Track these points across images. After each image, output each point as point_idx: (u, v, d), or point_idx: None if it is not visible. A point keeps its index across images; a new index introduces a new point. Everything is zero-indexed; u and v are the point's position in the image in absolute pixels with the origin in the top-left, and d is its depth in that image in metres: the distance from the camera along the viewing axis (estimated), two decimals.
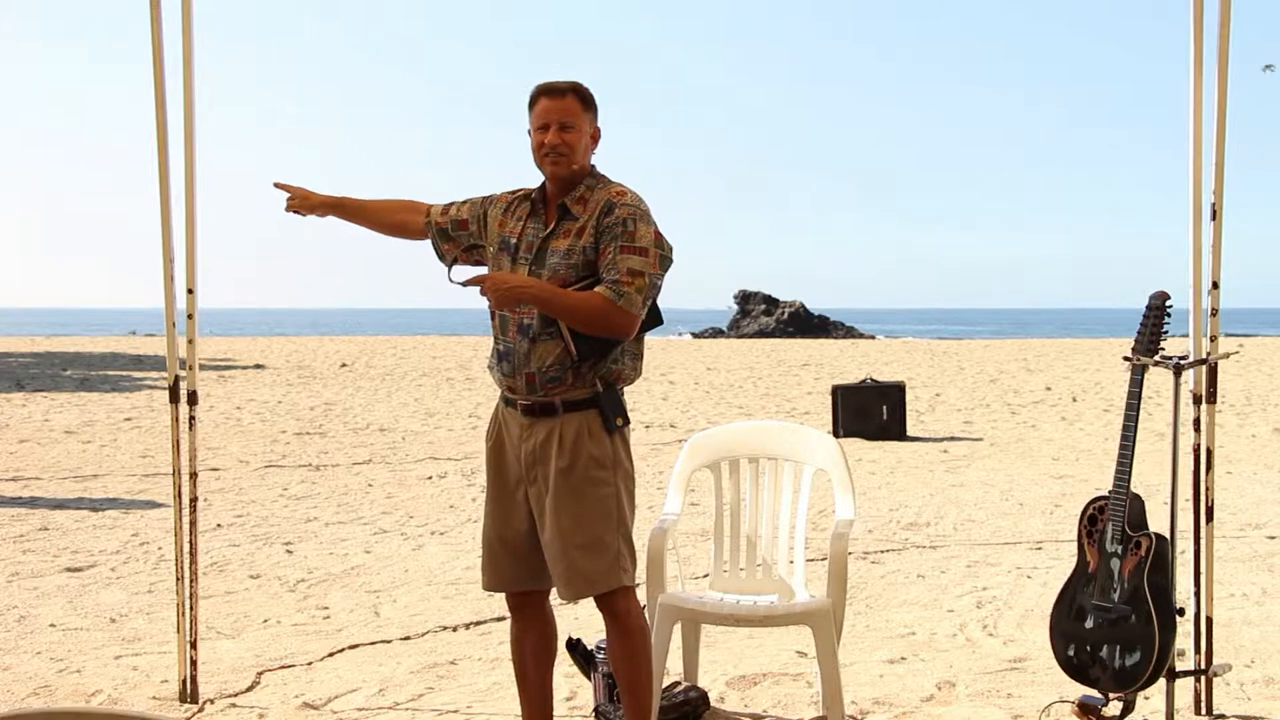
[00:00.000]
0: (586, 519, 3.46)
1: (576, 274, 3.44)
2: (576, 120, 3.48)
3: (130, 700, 4.50)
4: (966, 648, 5.09)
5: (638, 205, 3.47)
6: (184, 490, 4.47)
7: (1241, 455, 11.14)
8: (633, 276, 3.38)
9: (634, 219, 3.43)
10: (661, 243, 3.47)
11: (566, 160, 3.48)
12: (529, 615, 3.69)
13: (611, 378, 3.49)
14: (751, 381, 21.48)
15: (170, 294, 4.40)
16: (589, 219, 3.46)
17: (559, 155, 3.47)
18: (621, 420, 3.51)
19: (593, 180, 3.53)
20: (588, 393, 3.46)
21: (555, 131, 3.47)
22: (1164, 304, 3.98)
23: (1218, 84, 4.08)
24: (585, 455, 3.46)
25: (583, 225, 3.46)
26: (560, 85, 3.52)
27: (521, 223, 3.57)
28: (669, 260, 3.50)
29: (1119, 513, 3.94)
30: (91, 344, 36.43)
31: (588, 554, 3.46)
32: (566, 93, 3.50)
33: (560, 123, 3.47)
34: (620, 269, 3.38)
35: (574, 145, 3.47)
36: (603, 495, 3.48)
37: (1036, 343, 39.02)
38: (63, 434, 13.22)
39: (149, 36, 4.30)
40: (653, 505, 8.71)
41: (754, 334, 49.50)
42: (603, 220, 3.43)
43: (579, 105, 3.50)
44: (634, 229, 3.42)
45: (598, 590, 3.50)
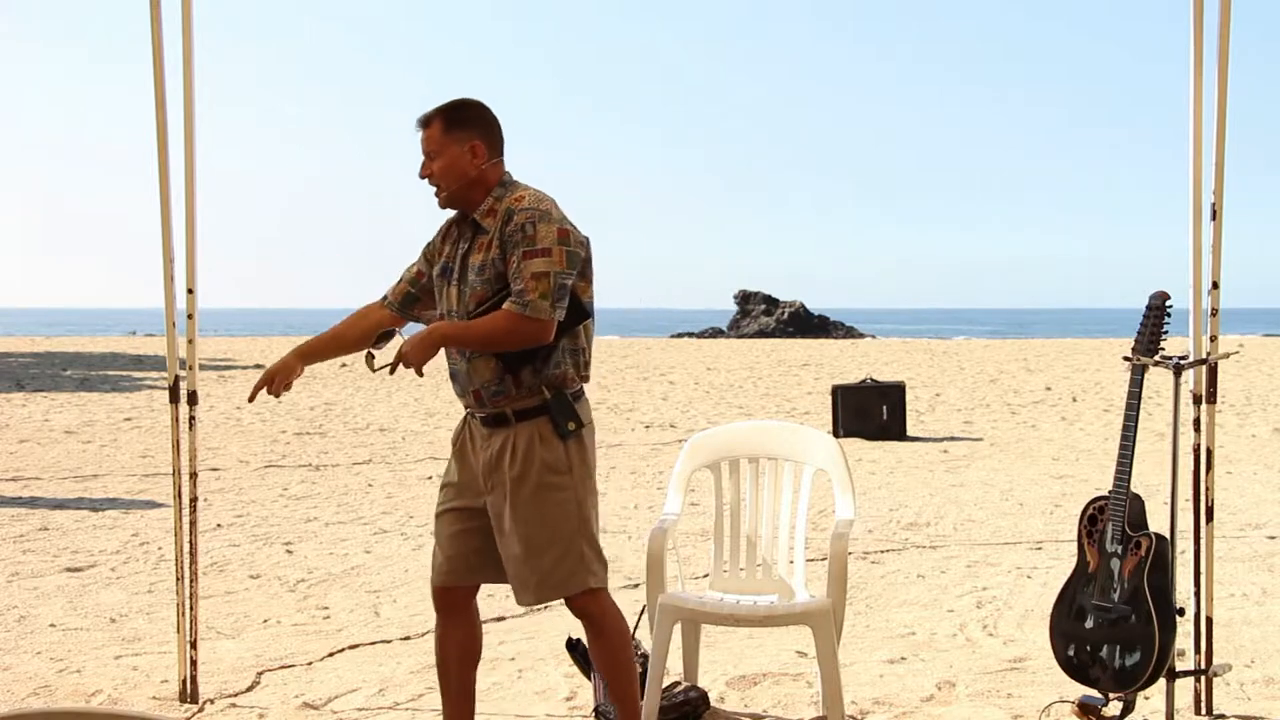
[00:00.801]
0: (546, 525, 3.48)
1: (492, 288, 3.45)
2: (439, 148, 3.51)
3: (130, 700, 4.50)
4: (966, 648, 5.09)
5: (536, 206, 3.45)
6: (184, 490, 4.47)
7: (1241, 455, 11.14)
8: (536, 281, 3.37)
9: (532, 222, 3.42)
10: (568, 238, 3.45)
11: (439, 189, 3.54)
12: (456, 613, 3.71)
13: (558, 383, 3.49)
14: (751, 381, 21.49)
15: (170, 294, 4.40)
16: (495, 230, 3.47)
17: (431, 186, 3.55)
18: (574, 425, 3.51)
19: (501, 189, 3.54)
20: (537, 401, 3.47)
21: (423, 164, 3.54)
22: (1164, 304, 3.98)
23: (1218, 84, 4.08)
24: (538, 462, 3.47)
25: (490, 237, 3.48)
26: (425, 114, 3.56)
27: (454, 244, 3.62)
28: (577, 255, 3.47)
29: (1119, 513, 3.94)
30: (91, 344, 36.44)
31: (550, 559, 3.48)
32: (430, 121, 3.54)
33: (426, 153, 3.54)
34: (524, 276, 3.38)
35: (441, 173, 3.51)
36: (560, 500, 3.49)
37: (1036, 343, 39.04)
38: (63, 434, 13.23)
39: (149, 36, 4.30)
40: (653, 505, 8.72)
41: (754, 334, 49.50)
42: (504, 230, 3.44)
43: (441, 130, 3.52)
44: (533, 231, 3.40)
45: (566, 593, 3.53)
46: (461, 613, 3.71)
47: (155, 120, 4.34)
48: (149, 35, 4.30)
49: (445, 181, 3.52)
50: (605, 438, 13.06)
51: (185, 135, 4.35)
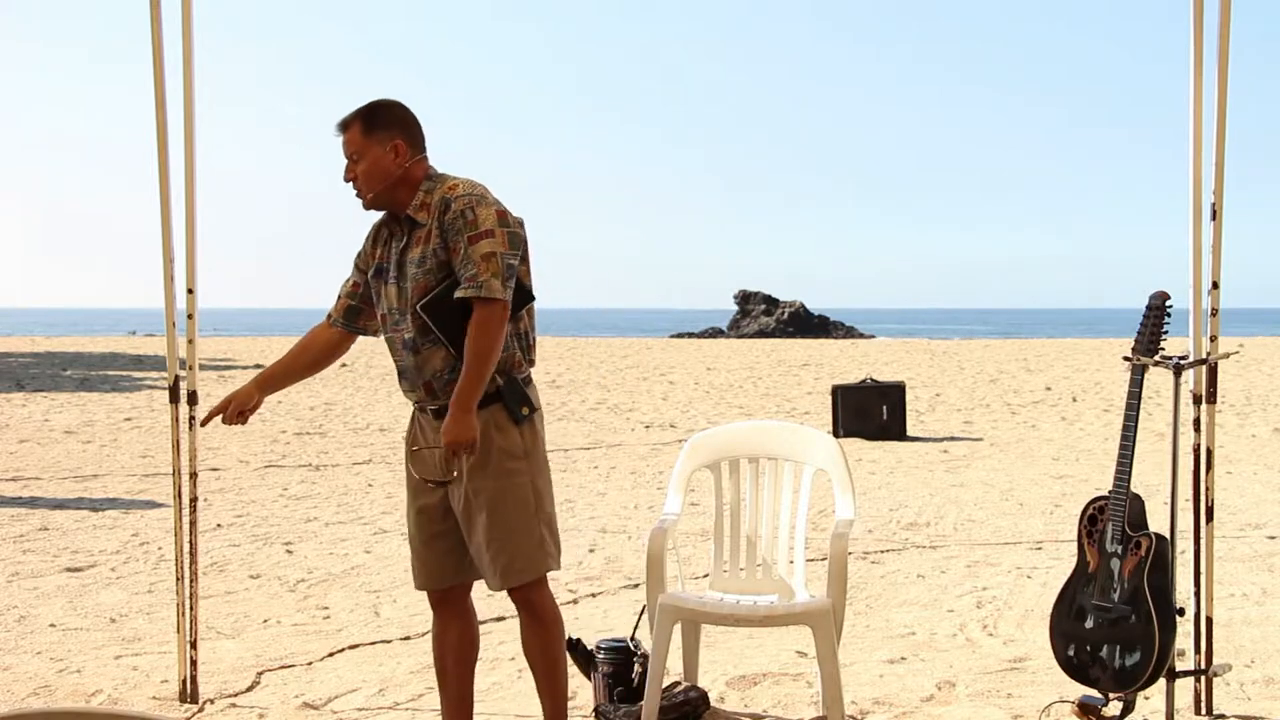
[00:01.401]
0: (507, 511, 3.52)
1: (435, 278, 3.46)
2: (361, 149, 3.52)
3: (130, 700, 4.50)
4: (966, 648, 5.09)
5: (471, 192, 3.48)
6: (184, 490, 4.47)
7: (1241, 455, 11.14)
8: (486, 262, 3.39)
9: (471, 207, 3.44)
10: (507, 220, 3.47)
11: (361, 191, 3.56)
12: (451, 612, 3.72)
13: (507, 368, 3.52)
14: (751, 381, 21.48)
15: (170, 294, 4.40)
16: (432, 221, 3.49)
17: (355, 190, 3.56)
18: (527, 409, 3.55)
19: (430, 183, 3.55)
20: (490, 388, 3.48)
21: (346, 167, 3.56)
22: (1164, 304, 3.98)
23: (1218, 84, 4.08)
24: (495, 449, 3.50)
25: (428, 229, 3.49)
26: (343, 119, 3.57)
27: (387, 245, 3.62)
28: (520, 236, 3.50)
29: (1119, 513, 3.94)
30: (91, 344, 36.43)
31: (514, 545, 3.52)
32: (349, 125, 3.55)
33: (348, 156, 3.55)
34: (473, 260, 3.40)
35: (364, 175, 3.52)
36: (518, 485, 3.53)
37: (1036, 343, 39.03)
38: (63, 434, 13.22)
39: (149, 36, 4.30)
40: (653, 505, 8.72)
41: (754, 334, 49.50)
42: (443, 220, 3.46)
43: (360, 132, 3.53)
44: (473, 216, 3.43)
45: (528, 578, 3.57)
46: (455, 610, 3.72)
47: (155, 120, 4.34)
48: (149, 35, 4.30)
49: (370, 183, 3.53)
50: (605, 438, 13.06)
51: (185, 135, 4.35)
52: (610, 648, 4.30)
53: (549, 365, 25.10)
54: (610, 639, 4.39)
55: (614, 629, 5.15)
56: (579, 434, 13.39)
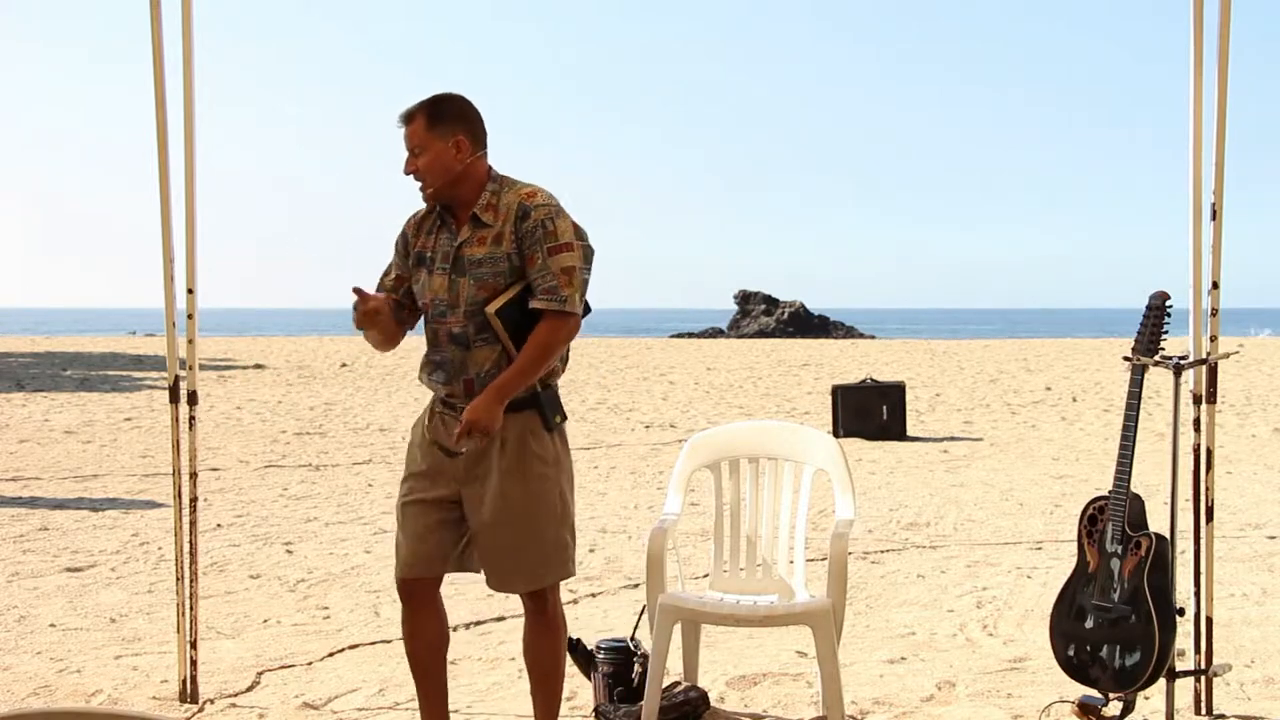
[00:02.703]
0: (538, 516, 3.55)
1: (505, 281, 3.46)
2: (424, 143, 3.50)
3: (130, 700, 4.50)
4: (966, 648, 5.09)
5: (550, 203, 3.49)
6: (184, 490, 4.48)
7: (1241, 455, 11.14)
8: (568, 276, 3.43)
9: (551, 218, 3.45)
10: (581, 233, 3.52)
11: (424, 185, 3.54)
12: (427, 605, 3.72)
13: (547, 376, 3.54)
14: (751, 381, 21.48)
15: (170, 294, 4.40)
16: (504, 225, 3.48)
17: (416, 182, 3.55)
18: (560, 418, 3.60)
19: (495, 185, 3.55)
20: (527, 393, 3.50)
21: (408, 160, 3.53)
22: (1164, 304, 3.99)
23: (1218, 84, 4.08)
24: (529, 454, 3.52)
25: (499, 232, 3.48)
26: (407, 110, 3.55)
27: (433, 235, 3.60)
28: (591, 250, 3.54)
29: (1119, 513, 3.94)
30: (91, 344, 36.43)
31: (541, 549, 3.56)
32: (413, 117, 3.53)
33: (410, 149, 3.53)
34: (553, 271, 3.42)
35: (426, 169, 3.51)
36: (547, 491, 3.56)
37: (1036, 343, 39.03)
38: (63, 434, 13.22)
39: (149, 36, 4.30)
40: (653, 505, 8.72)
41: (754, 334, 49.48)
42: (520, 226, 3.45)
43: (424, 126, 3.51)
44: (553, 227, 3.44)
45: (551, 581, 3.62)
46: (430, 604, 3.73)
47: (155, 120, 4.34)
48: (149, 35, 4.30)
49: (431, 177, 3.52)
50: (605, 438, 13.06)
51: (185, 135, 4.35)
52: (610, 648, 4.30)
53: None
54: (610, 639, 4.39)
55: (614, 629, 5.15)
56: (579, 434, 13.38)
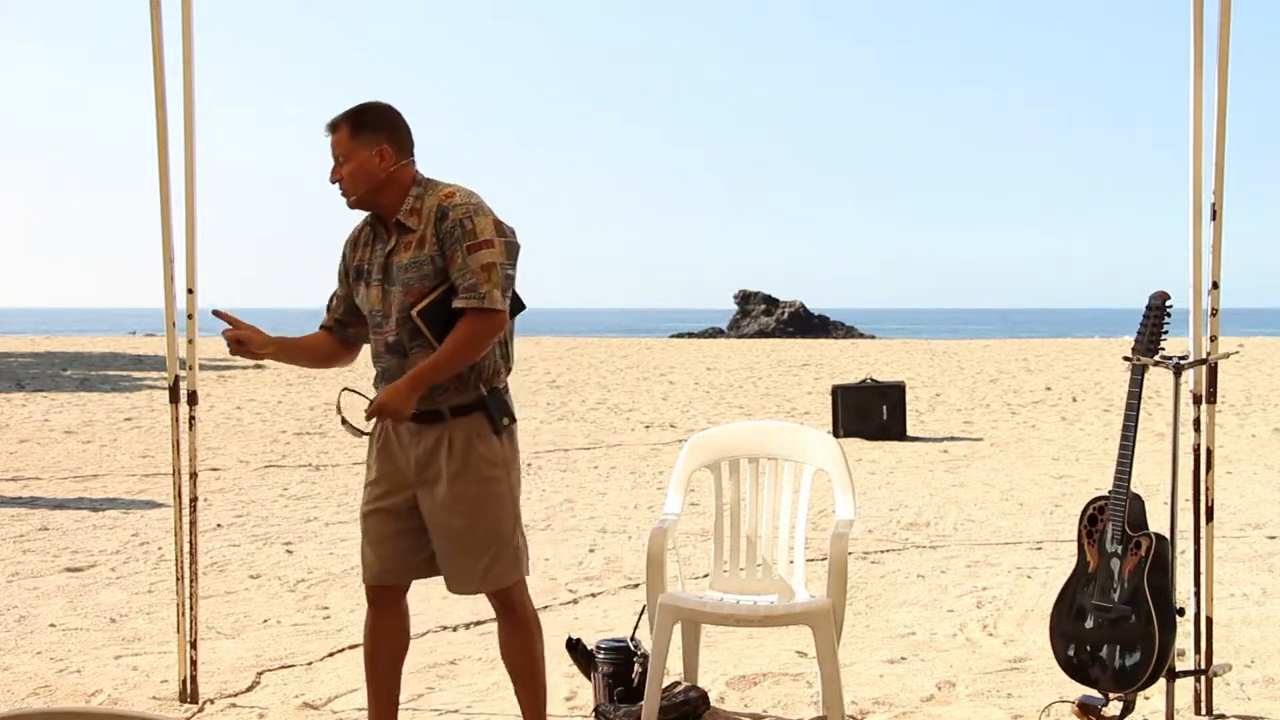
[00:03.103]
0: (487, 519, 3.55)
1: (430, 284, 3.47)
2: (348, 151, 3.53)
3: (130, 700, 4.50)
4: (966, 648, 5.09)
5: (468, 201, 3.49)
6: (184, 490, 4.48)
7: (1241, 455, 11.14)
8: (487, 272, 3.42)
9: (469, 216, 3.46)
10: (503, 229, 3.50)
11: (346, 193, 3.56)
12: (392, 609, 3.74)
13: (489, 378, 3.56)
14: (751, 381, 21.48)
15: (170, 294, 4.40)
16: (425, 227, 3.49)
17: (340, 190, 3.57)
18: (508, 420, 3.60)
19: (419, 189, 3.56)
20: (473, 397, 3.52)
21: (332, 169, 3.56)
22: (1164, 304, 3.98)
23: (1218, 84, 4.08)
24: (476, 457, 3.53)
25: (421, 235, 3.49)
26: (332, 120, 3.57)
27: (368, 248, 3.63)
28: (516, 245, 3.53)
29: (1119, 513, 3.94)
30: (91, 344, 36.43)
31: (493, 552, 3.56)
32: (337, 126, 3.55)
33: (334, 158, 3.55)
34: (472, 269, 3.42)
35: (349, 177, 3.53)
36: (497, 493, 3.56)
37: (1036, 343, 39.03)
38: (63, 434, 13.22)
39: (149, 36, 4.30)
40: (653, 505, 8.72)
41: (754, 334, 49.48)
42: (440, 227, 3.46)
43: (348, 135, 3.53)
44: (471, 225, 3.45)
45: (502, 585, 3.60)
46: (394, 608, 3.74)
47: (155, 120, 4.34)
48: (149, 35, 4.30)
49: (353, 185, 3.54)
50: (605, 438, 13.06)
51: (185, 135, 4.35)
52: (610, 648, 4.30)
53: (549, 365, 25.11)
54: (610, 639, 4.39)
55: (614, 629, 5.15)
56: (579, 434, 13.38)
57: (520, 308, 3.61)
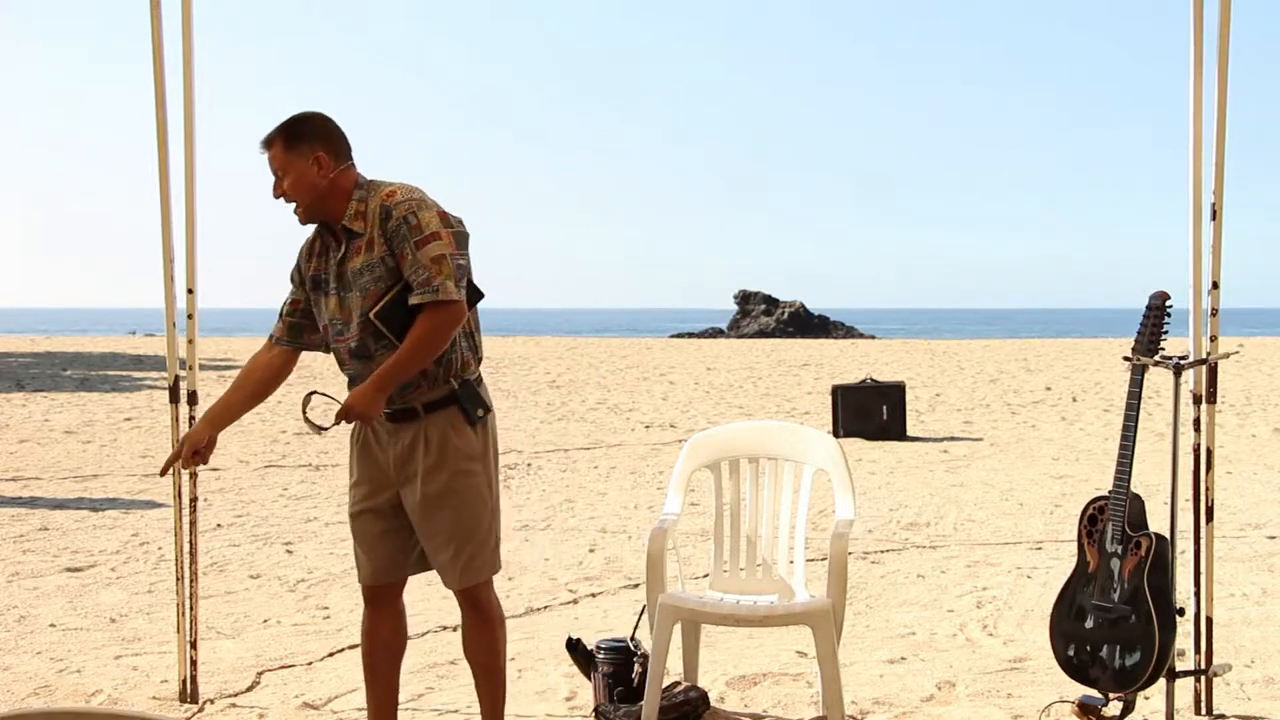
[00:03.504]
0: (466, 512, 3.56)
1: (385, 285, 3.47)
2: (285, 165, 3.52)
3: (130, 700, 4.50)
4: (966, 648, 5.09)
5: (409, 198, 3.48)
6: (184, 490, 4.48)
7: (1241, 455, 11.14)
8: (437, 265, 3.41)
9: (413, 212, 3.45)
10: (449, 220, 3.49)
11: (295, 206, 3.55)
12: (388, 608, 3.75)
13: (459, 370, 3.56)
14: (751, 381, 21.48)
15: (170, 294, 4.41)
16: (372, 230, 3.49)
17: (287, 204, 3.56)
18: (482, 411, 3.59)
19: (363, 191, 3.56)
20: (445, 391, 3.53)
21: (275, 184, 3.55)
22: (1164, 304, 3.98)
23: (1218, 84, 4.08)
24: (452, 451, 3.54)
25: (370, 238, 3.49)
26: (266, 136, 3.57)
27: (322, 257, 3.63)
28: (465, 234, 3.52)
29: (1119, 513, 3.94)
30: (91, 344, 36.43)
31: (473, 546, 3.57)
32: (271, 142, 3.55)
33: (274, 173, 3.55)
34: (423, 264, 3.41)
35: (292, 189, 3.52)
36: (474, 486, 3.58)
37: (1036, 343, 39.03)
38: (63, 434, 13.22)
39: (149, 36, 4.30)
40: (653, 505, 8.72)
41: (754, 334, 49.47)
42: (386, 227, 3.46)
43: (282, 149, 3.53)
44: (416, 221, 3.44)
45: (485, 577, 3.62)
46: (390, 606, 3.75)
47: (155, 120, 4.34)
48: (149, 35, 4.30)
49: (298, 196, 3.53)
50: (605, 438, 13.06)
51: (185, 135, 4.35)
52: (610, 648, 4.30)
53: (549, 365, 25.10)
54: (610, 639, 4.39)
55: (614, 629, 5.15)
56: (579, 434, 13.38)
57: (479, 296, 3.61)
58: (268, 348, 3.79)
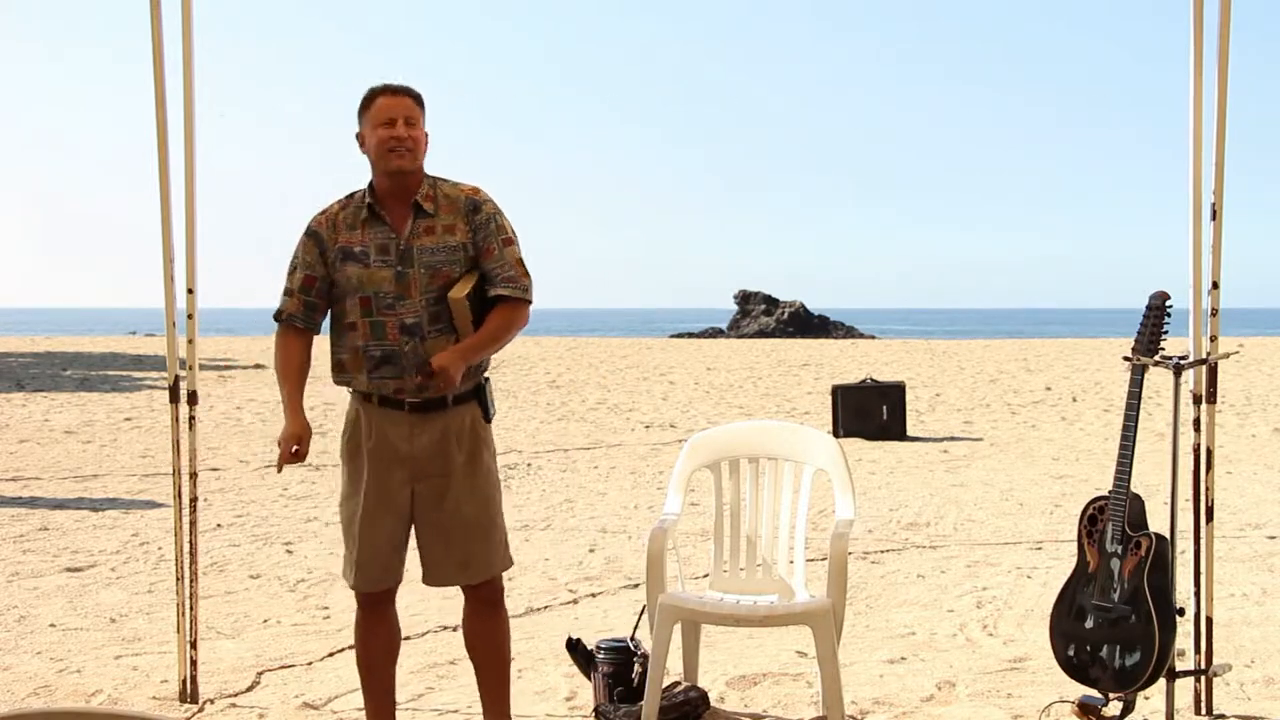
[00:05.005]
0: (490, 506, 3.65)
1: (460, 270, 3.55)
2: (417, 119, 3.58)
3: (130, 700, 4.50)
4: (966, 648, 5.09)
5: (493, 199, 3.64)
6: (184, 490, 4.48)
7: (1241, 455, 11.14)
8: (521, 266, 3.60)
9: (498, 214, 3.61)
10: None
11: (413, 155, 3.57)
12: (383, 611, 3.77)
13: (484, 368, 3.66)
14: (751, 381, 21.48)
15: (170, 294, 4.41)
16: (455, 218, 3.57)
17: (406, 150, 3.55)
18: (494, 409, 3.72)
19: (430, 179, 3.62)
20: (470, 385, 3.60)
21: (403, 125, 3.55)
22: (1164, 304, 3.98)
23: (1218, 84, 4.08)
24: (480, 444, 3.63)
25: (451, 223, 3.57)
26: (398, 85, 3.61)
27: (358, 230, 3.59)
28: None
29: (1119, 513, 3.94)
30: (91, 344, 36.41)
31: (490, 539, 3.64)
32: (408, 92, 3.59)
33: (405, 118, 3.56)
34: (509, 262, 3.57)
35: (418, 141, 3.58)
36: (494, 482, 3.68)
37: (1036, 343, 39.02)
38: (63, 434, 13.22)
39: (149, 36, 4.30)
40: (653, 505, 8.72)
41: (754, 334, 49.47)
42: (472, 219, 3.57)
43: (415, 105, 3.58)
44: (502, 222, 3.61)
45: (497, 571, 3.69)
46: (388, 610, 3.78)
47: (155, 120, 4.34)
48: (149, 35, 4.30)
49: (417, 149, 3.57)
50: (605, 438, 13.06)
51: (185, 135, 4.35)
52: (610, 648, 4.30)
53: (549, 365, 25.09)
54: (610, 639, 4.39)
55: (614, 629, 5.15)
56: (579, 434, 13.38)
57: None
58: (294, 331, 3.72)
